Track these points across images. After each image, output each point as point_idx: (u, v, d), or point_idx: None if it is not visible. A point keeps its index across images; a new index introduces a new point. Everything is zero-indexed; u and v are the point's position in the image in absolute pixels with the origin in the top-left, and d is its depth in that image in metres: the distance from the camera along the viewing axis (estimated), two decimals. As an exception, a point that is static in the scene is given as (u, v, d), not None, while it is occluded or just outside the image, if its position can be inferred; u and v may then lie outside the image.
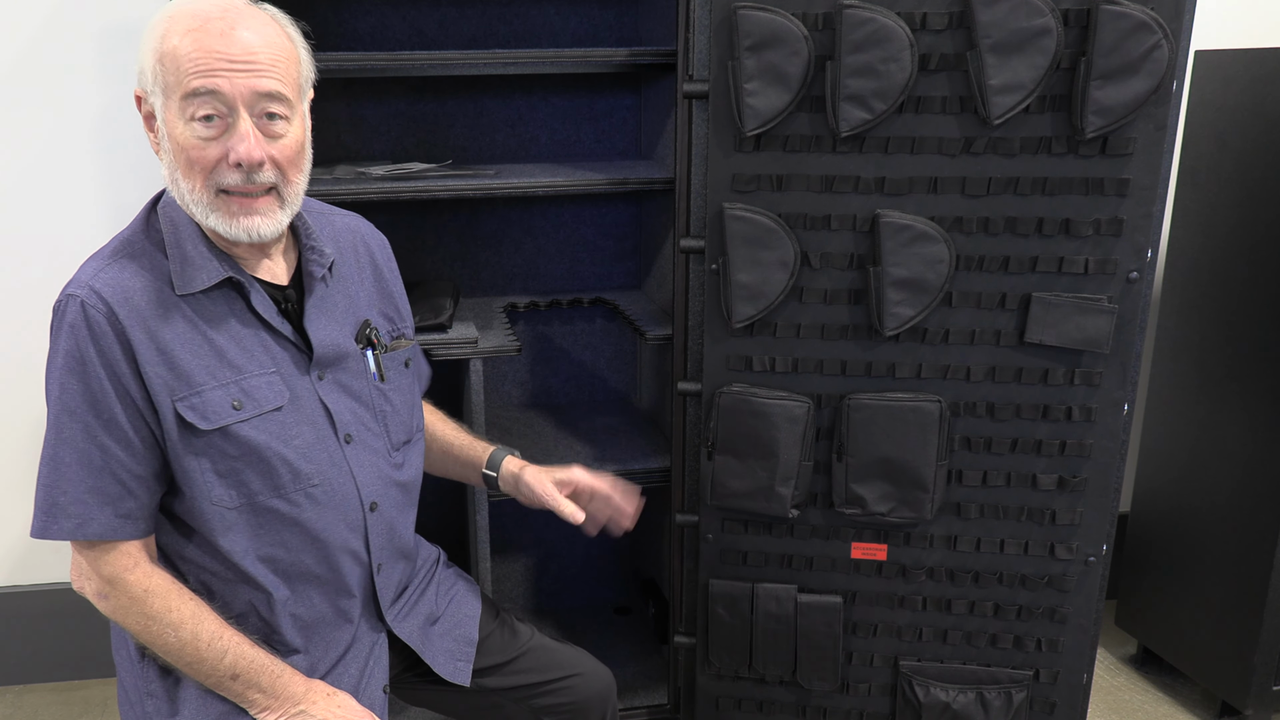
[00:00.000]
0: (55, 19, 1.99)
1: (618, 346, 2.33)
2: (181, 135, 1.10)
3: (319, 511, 1.21)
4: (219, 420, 1.14)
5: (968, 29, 1.45)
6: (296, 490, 1.19)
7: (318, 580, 1.24)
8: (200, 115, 1.09)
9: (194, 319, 1.15)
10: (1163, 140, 1.46)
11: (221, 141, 1.10)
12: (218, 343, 1.16)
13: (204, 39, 1.08)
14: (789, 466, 1.62)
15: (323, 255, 1.26)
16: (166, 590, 1.16)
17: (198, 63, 1.07)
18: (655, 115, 2.07)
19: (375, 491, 1.27)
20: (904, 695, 1.74)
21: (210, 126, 1.09)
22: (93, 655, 2.28)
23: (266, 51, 1.11)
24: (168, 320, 1.14)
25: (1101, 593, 1.67)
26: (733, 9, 1.49)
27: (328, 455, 1.22)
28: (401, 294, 1.42)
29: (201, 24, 1.08)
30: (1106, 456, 1.59)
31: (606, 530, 1.47)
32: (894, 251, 1.53)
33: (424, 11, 2.04)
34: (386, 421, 1.31)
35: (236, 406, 1.15)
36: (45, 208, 2.08)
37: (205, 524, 1.18)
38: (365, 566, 1.28)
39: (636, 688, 2.11)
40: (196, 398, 1.14)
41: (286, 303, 1.24)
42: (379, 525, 1.28)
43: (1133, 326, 1.54)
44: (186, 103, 1.08)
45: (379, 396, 1.30)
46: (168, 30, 1.09)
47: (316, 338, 1.23)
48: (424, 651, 1.36)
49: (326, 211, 1.36)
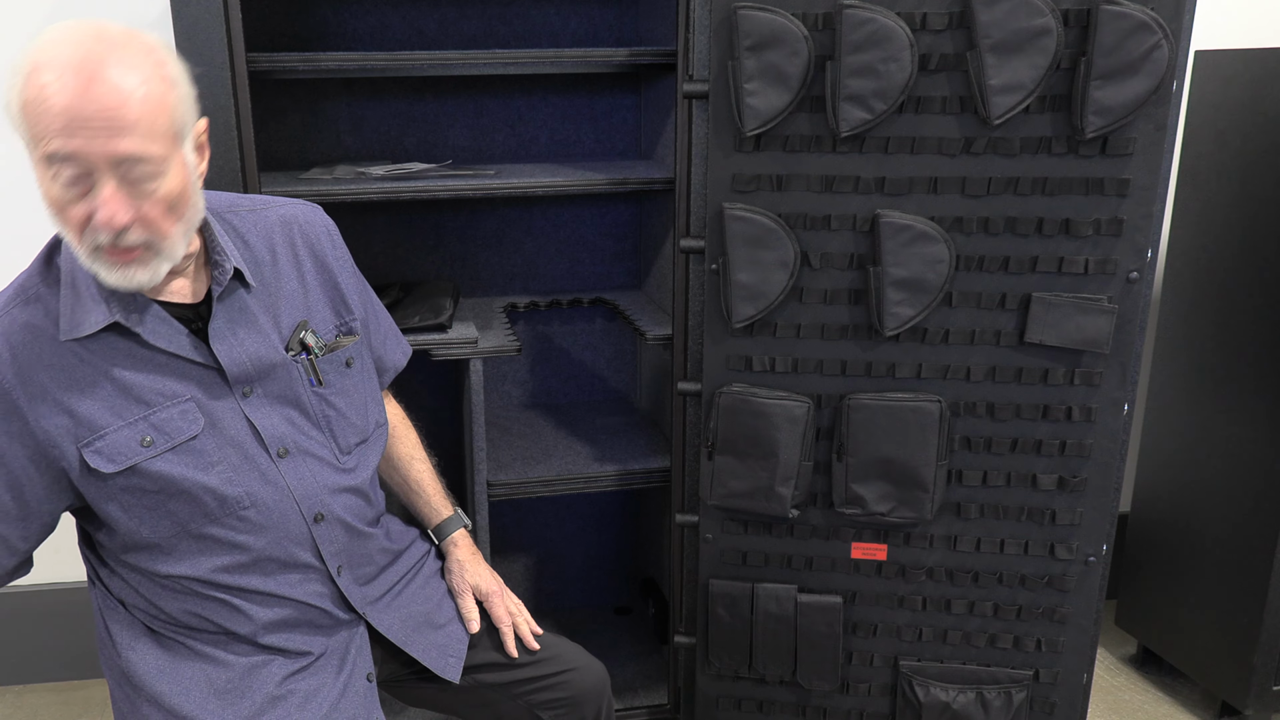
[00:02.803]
0: (54, 19, 1.99)
1: (618, 346, 2.33)
2: (49, 192, 1.04)
3: (256, 533, 1.20)
4: (126, 460, 1.13)
5: (968, 29, 1.45)
6: (227, 515, 1.18)
7: (275, 593, 1.23)
8: (64, 177, 1.02)
9: (94, 361, 1.12)
10: (1163, 140, 1.46)
11: (88, 201, 1.03)
12: (123, 380, 1.13)
13: (63, 96, 0.99)
14: (789, 466, 1.62)
15: (222, 270, 1.18)
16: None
17: (53, 123, 0.99)
18: (655, 115, 2.07)
19: (319, 503, 1.24)
20: (904, 695, 1.74)
21: (75, 187, 1.03)
22: (93, 655, 2.28)
23: (130, 106, 1.01)
24: (64, 368, 1.11)
25: (1101, 593, 1.67)
26: (733, 9, 1.49)
27: (258, 474, 1.20)
28: (351, 283, 1.35)
29: (59, 75, 0.99)
30: (1106, 456, 1.59)
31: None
32: (894, 251, 1.53)
33: (424, 11, 2.04)
34: (331, 427, 1.27)
35: (146, 443, 1.13)
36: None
37: (150, 556, 1.18)
38: (322, 572, 1.27)
39: (636, 688, 2.11)
40: (101, 441, 1.12)
41: (199, 321, 1.18)
42: (329, 534, 1.26)
43: (1133, 326, 1.54)
44: (48, 163, 1.02)
45: (319, 402, 1.26)
46: (30, 73, 1.01)
47: (228, 357, 1.18)
48: (408, 646, 1.35)
49: (261, 206, 1.29)
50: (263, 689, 1.22)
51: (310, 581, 1.26)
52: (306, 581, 1.26)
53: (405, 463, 1.51)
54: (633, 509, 2.43)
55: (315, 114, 2.05)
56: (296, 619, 1.26)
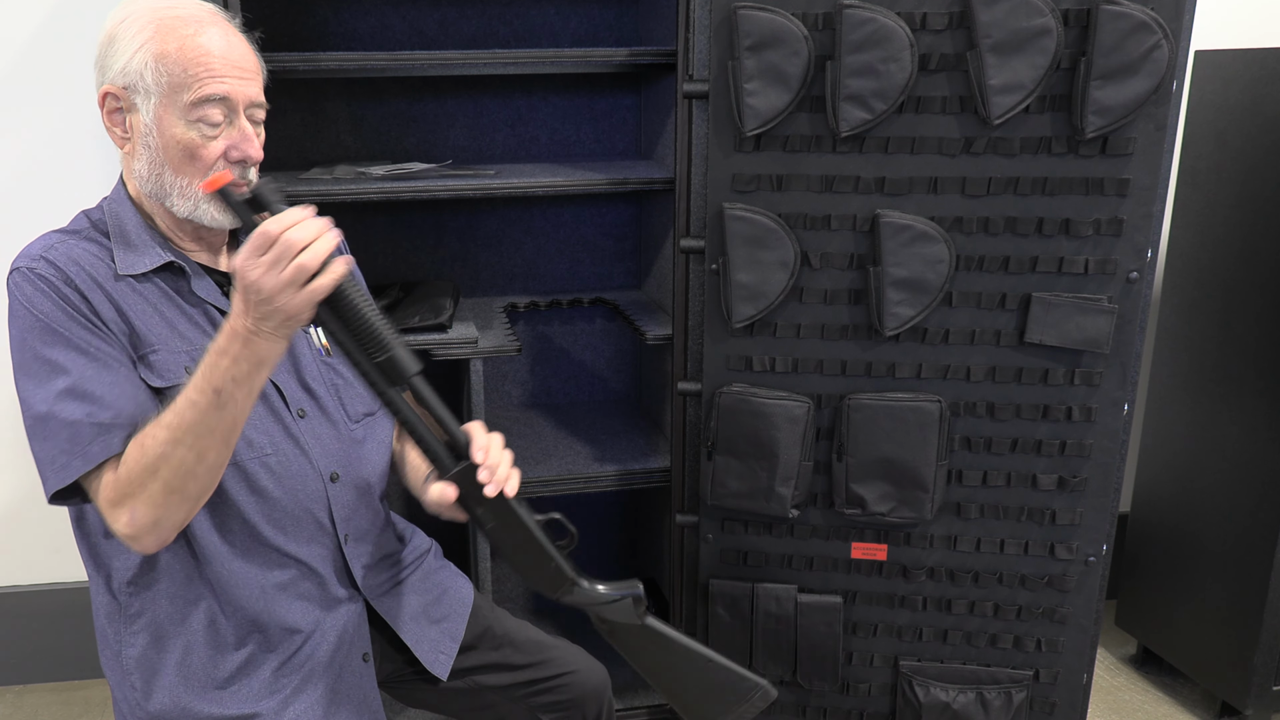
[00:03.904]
0: (54, 18, 1.99)
1: (618, 346, 2.33)
2: (182, 134, 1.15)
3: (275, 481, 1.23)
4: (173, 379, 1.16)
5: (968, 29, 1.45)
6: (251, 458, 1.21)
7: (283, 552, 1.25)
8: (209, 117, 1.15)
9: (145, 295, 1.19)
10: (1163, 140, 1.46)
11: (223, 139, 1.17)
12: (167, 317, 1.20)
13: (217, 44, 1.15)
14: (789, 466, 1.62)
15: None
16: (134, 442, 1.11)
17: (210, 69, 1.14)
18: (655, 115, 2.07)
19: (334, 463, 1.28)
20: (904, 695, 1.74)
21: (214, 127, 1.16)
22: (93, 655, 2.28)
23: (251, 60, 1.21)
24: (119, 291, 1.18)
25: (1101, 593, 1.67)
26: (733, 9, 1.49)
27: (282, 428, 1.24)
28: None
29: (196, 29, 1.15)
30: (1106, 456, 1.59)
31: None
32: (894, 251, 1.53)
33: (424, 11, 2.04)
34: (340, 394, 1.32)
35: (189, 371, 1.17)
36: (46, 206, 2.08)
37: None
38: (332, 536, 1.29)
39: (637, 688, 2.11)
40: (154, 355, 1.17)
41: (229, 285, 1.25)
42: (343, 496, 1.29)
43: (1133, 326, 1.54)
44: (195, 105, 1.14)
45: (328, 371, 1.32)
46: (159, 32, 1.14)
47: None
48: (403, 632, 1.37)
49: None
50: (260, 677, 1.24)
51: (319, 544, 1.28)
52: (315, 544, 1.28)
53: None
54: (633, 509, 2.43)
55: (315, 114, 2.06)
56: (299, 587, 1.27)
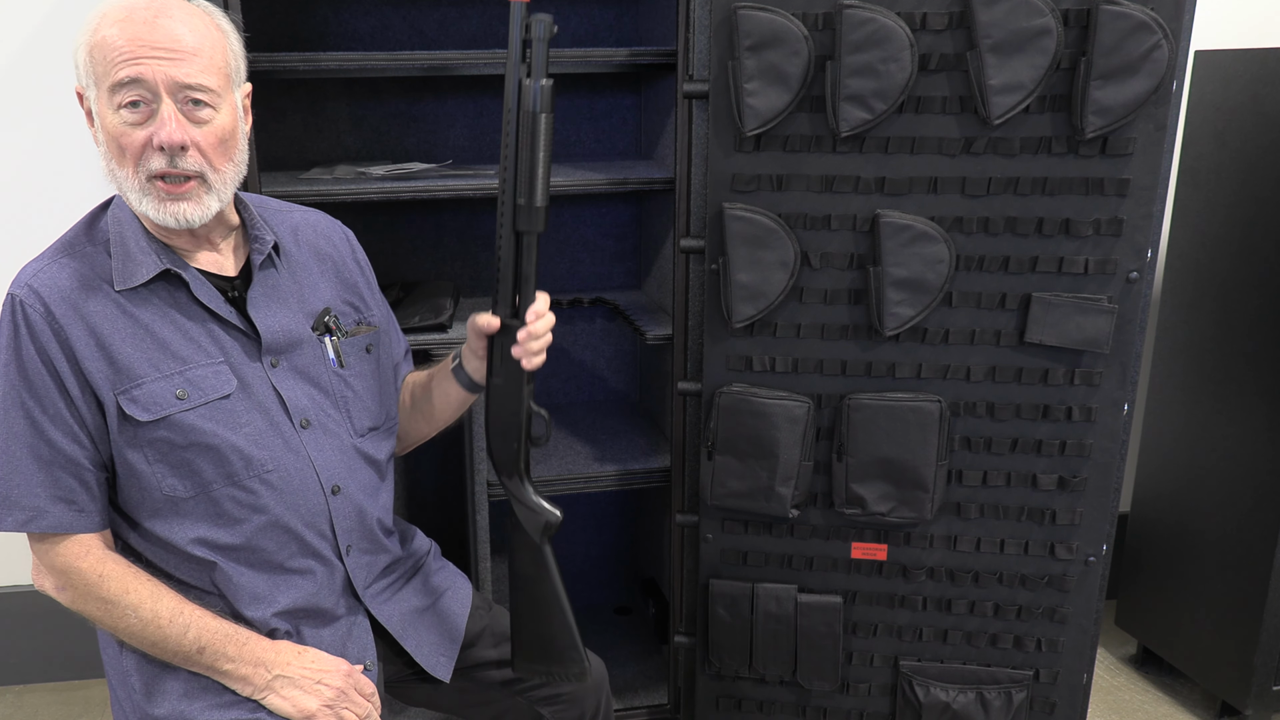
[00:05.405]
0: (54, 18, 1.99)
1: (618, 346, 2.33)
2: (111, 123, 1.13)
3: (276, 497, 1.22)
4: (160, 411, 1.16)
5: (968, 29, 1.45)
6: (250, 477, 1.21)
7: (283, 565, 1.24)
8: (126, 102, 1.12)
9: (135, 314, 1.18)
10: (1163, 140, 1.46)
11: (147, 127, 1.13)
12: (161, 335, 1.19)
13: (129, 28, 1.11)
14: (789, 466, 1.62)
15: (262, 242, 1.27)
16: (121, 574, 1.18)
17: (122, 51, 1.11)
18: (655, 115, 2.07)
19: (337, 475, 1.28)
20: (904, 695, 1.74)
21: (136, 112, 1.12)
22: (93, 655, 2.28)
23: (190, 39, 1.13)
24: (107, 317, 1.17)
25: (1101, 593, 1.67)
26: (733, 9, 1.49)
27: (282, 441, 1.23)
28: (369, 282, 1.42)
29: (127, 15, 1.12)
30: (1106, 456, 1.59)
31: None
32: (894, 251, 1.53)
33: (424, 11, 2.04)
34: (348, 407, 1.32)
35: (180, 397, 1.17)
36: (47, 206, 2.08)
37: (160, 516, 1.20)
38: (333, 549, 1.29)
39: (636, 688, 2.11)
40: (137, 390, 1.16)
41: (234, 291, 1.25)
42: (344, 508, 1.29)
43: (1133, 326, 1.54)
44: (114, 91, 1.12)
45: (339, 383, 1.31)
46: (98, 24, 1.13)
47: (263, 324, 1.24)
48: (404, 639, 1.36)
49: (285, 209, 1.38)
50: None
51: (320, 557, 1.27)
52: (316, 557, 1.27)
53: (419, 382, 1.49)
54: (633, 509, 2.43)
55: (315, 114, 2.05)
56: (302, 599, 1.26)
